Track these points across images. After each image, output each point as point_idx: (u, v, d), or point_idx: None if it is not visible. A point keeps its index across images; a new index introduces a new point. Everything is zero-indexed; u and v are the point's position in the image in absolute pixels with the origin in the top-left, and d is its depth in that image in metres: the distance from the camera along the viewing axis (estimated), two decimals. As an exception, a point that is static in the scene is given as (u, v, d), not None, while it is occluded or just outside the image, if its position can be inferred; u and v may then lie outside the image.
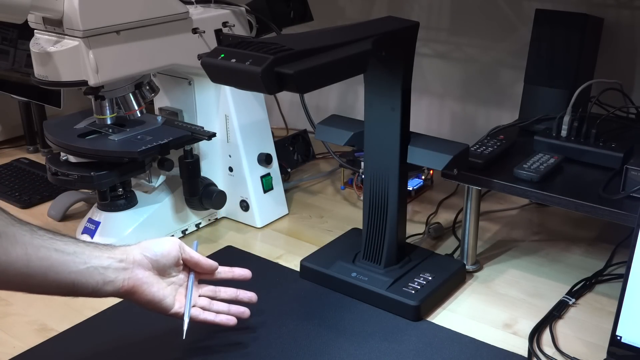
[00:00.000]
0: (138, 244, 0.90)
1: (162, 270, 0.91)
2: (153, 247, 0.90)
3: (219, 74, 0.93)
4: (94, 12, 1.06)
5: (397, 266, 1.11)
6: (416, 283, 1.08)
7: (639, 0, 1.33)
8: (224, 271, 0.99)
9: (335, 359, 0.96)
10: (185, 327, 0.90)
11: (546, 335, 1.01)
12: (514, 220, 1.36)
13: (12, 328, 1.04)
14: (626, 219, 0.97)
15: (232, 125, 1.31)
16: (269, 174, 1.36)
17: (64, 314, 1.06)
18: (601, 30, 1.34)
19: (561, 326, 1.03)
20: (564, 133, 1.17)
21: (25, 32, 1.22)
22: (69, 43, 1.06)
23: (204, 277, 0.97)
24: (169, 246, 0.92)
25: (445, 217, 1.36)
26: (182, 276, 0.94)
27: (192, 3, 1.28)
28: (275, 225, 1.36)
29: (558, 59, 1.29)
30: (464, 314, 1.07)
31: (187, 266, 0.95)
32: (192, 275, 0.95)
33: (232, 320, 0.96)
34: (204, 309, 0.95)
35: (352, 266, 1.13)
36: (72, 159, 1.19)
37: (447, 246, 1.26)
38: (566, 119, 1.16)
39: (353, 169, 1.45)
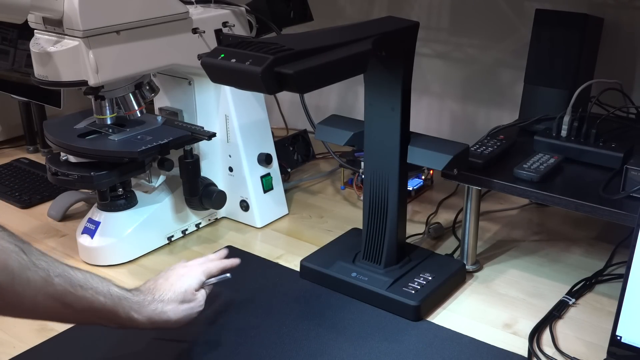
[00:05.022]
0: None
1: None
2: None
3: (219, 74, 0.93)
4: (94, 12, 1.06)
5: (397, 266, 1.11)
6: (416, 283, 1.08)
7: (639, 0, 1.33)
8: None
9: (335, 359, 0.96)
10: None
11: (546, 335, 1.01)
12: (514, 220, 1.36)
13: (12, 328, 1.04)
14: (626, 219, 0.97)
15: (232, 125, 1.31)
16: (269, 174, 1.36)
17: (64, 314, 1.06)
18: (601, 30, 1.34)
19: (561, 326, 1.03)
20: (564, 133, 1.17)
21: (25, 32, 1.22)
22: (69, 43, 1.06)
23: None
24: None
25: (445, 217, 1.36)
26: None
27: (192, 3, 1.28)
28: (275, 225, 1.36)
29: (558, 59, 1.29)
30: (464, 314, 1.07)
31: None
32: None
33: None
34: None
35: (352, 266, 1.13)
36: (72, 159, 1.19)
37: (447, 246, 1.26)
38: (566, 119, 1.16)
39: (353, 169, 1.45)
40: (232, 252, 1.25)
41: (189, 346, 0.98)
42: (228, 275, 1.03)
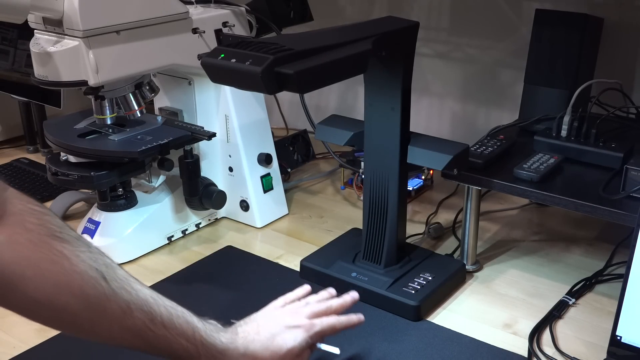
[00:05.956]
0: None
1: None
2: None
3: (219, 74, 0.93)
4: (94, 12, 1.06)
5: (397, 266, 1.11)
6: (416, 283, 1.08)
7: (639, 0, 1.33)
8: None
9: (335, 359, 0.96)
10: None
11: (546, 335, 1.01)
12: (514, 220, 1.36)
13: (12, 328, 1.04)
14: (626, 219, 0.97)
15: (232, 125, 1.31)
16: (269, 174, 1.36)
17: (64, 314, 1.05)
18: (601, 30, 1.34)
19: (561, 326, 1.03)
20: (564, 133, 1.17)
21: (25, 32, 1.22)
22: (69, 43, 1.06)
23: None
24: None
25: (445, 217, 1.36)
26: None
27: (192, 3, 1.28)
28: (275, 225, 1.36)
29: (558, 59, 1.29)
30: (464, 314, 1.07)
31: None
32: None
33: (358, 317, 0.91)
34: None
35: (352, 266, 1.13)
36: (72, 159, 1.19)
37: (447, 246, 1.26)
38: (566, 119, 1.16)
39: (353, 169, 1.45)
40: (232, 252, 1.26)
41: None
42: (337, 350, 0.89)
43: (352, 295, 0.92)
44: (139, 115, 1.22)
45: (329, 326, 0.87)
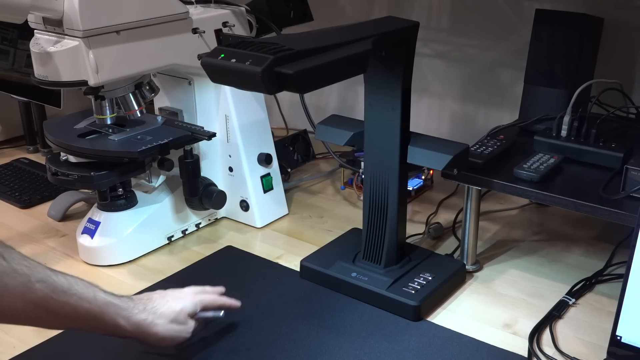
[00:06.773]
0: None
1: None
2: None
3: (219, 74, 0.93)
4: (94, 12, 1.06)
5: (397, 266, 1.11)
6: (416, 283, 1.08)
7: (639, 0, 1.33)
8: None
9: (335, 359, 0.96)
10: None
11: (546, 335, 1.01)
12: (514, 220, 1.36)
13: (12, 328, 1.04)
14: (626, 219, 0.97)
15: (232, 125, 1.31)
16: (269, 174, 1.36)
17: (64, 314, 1.05)
18: (601, 30, 1.34)
19: (561, 326, 1.03)
20: (564, 133, 1.17)
21: (25, 32, 1.22)
22: (69, 43, 1.06)
23: None
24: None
25: (445, 217, 1.36)
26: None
27: (192, 3, 1.28)
28: (275, 225, 1.36)
29: (558, 59, 1.29)
30: (464, 314, 1.07)
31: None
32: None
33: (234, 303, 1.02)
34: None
35: (352, 266, 1.13)
36: (72, 159, 1.19)
37: (447, 246, 1.26)
38: (566, 119, 1.16)
39: (353, 169, 1.45)
40: (232, 252, 1.26)
41: (190, 346, 0.98)
42: (221, 314, 1.00)
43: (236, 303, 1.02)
44: (139, 115, 1.22)
45: (212, 299, 0.99)
